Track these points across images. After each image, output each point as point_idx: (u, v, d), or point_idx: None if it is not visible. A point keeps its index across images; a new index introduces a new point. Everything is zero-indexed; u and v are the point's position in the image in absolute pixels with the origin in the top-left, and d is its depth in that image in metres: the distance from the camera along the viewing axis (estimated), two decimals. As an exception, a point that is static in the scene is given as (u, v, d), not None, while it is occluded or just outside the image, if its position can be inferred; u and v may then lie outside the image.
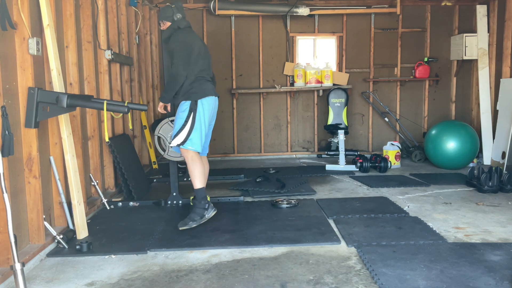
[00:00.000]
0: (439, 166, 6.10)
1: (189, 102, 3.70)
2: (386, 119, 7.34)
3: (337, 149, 6.71)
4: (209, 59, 3.93)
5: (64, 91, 3.38)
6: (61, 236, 3.27)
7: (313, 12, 7.05)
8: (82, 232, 3.48)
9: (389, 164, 5.97)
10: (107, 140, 3.52)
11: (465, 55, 6.84)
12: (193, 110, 3.68)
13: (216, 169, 6.22)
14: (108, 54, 4.55)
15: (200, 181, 3.74)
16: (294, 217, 3.95)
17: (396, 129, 7.43)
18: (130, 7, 5.56)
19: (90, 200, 4.25)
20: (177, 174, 4.41)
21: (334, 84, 7.24)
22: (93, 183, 4.29)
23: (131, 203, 4.39)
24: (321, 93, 7.34)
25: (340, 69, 7.37)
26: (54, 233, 3.23)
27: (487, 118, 6.55)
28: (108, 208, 4.29)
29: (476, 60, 6.87)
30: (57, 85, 3.30)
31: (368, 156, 6.14)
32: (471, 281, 2.61)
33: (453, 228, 3.61)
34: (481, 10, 6.74)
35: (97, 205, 4.24)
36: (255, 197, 4.68)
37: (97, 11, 4.44)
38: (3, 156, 2.65)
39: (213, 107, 3.84)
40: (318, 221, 3.81)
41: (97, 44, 4.46)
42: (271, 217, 3.97)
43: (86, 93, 4.20)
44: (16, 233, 2.66)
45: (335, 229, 3.60)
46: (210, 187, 5.00)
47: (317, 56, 7.50)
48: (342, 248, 3.21)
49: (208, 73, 3.88)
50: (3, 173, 2.45)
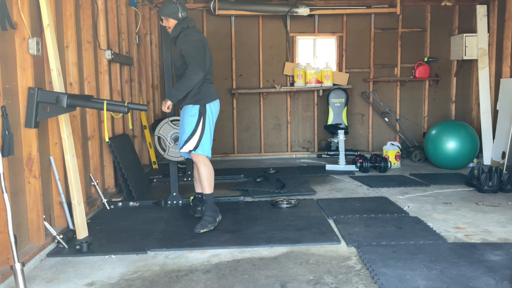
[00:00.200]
0: (439, 166, 6.10)
1: (198, 107, 3.63)
2: (386, 119, 7.34)
3: (337, 149, 6.71)
4: (212, 61, 3.85)
5: (64, 91, 3.38)
6: (61, 236, 3.27)
7: (313, 12, 7.04)
8: (82, 232, 3.48)
9: (389, 164, 5.97)
10: (107, 140, 3.52)
11: (465, 55, 6.84)
12: (202, 114, 3.63)
13: (216, 169, 6.13)
14: (108, 54, 4.55)
15: (211, 186, 3.74)
16: (294, 217, 3.95)
17: (396, 129, 7.43)
18: (130, 7, 5.56)
19: (90, 200, 4.25)
20: (177, 174, 4.42)
21: (334, 84, 7.24)
22: (93, 183, 4.29)
23: (131, 203, 4.39)
24: (321, 93, 7.34)
25: (340, 69, 7.37)
26: (54, 233, 3.23)
27: (487, 118, 6.55)
28: (108, 208, 4.29)
29: (476, 60, 6.87)
30: (57, 85, 3.30)
31: (368, 156, 6.14)
32: (471, 281, 2.61)
33: (453, 228, 3.61)
34: (481, 10, 6.74)
35: (97, 205, 4.24)
36: (255, 197, 4.68)
37: (97, 11, 4.44)
38: (3, 156, 2.65)
39: (218, 110, 3.83)
40: (318, 221, 3.81)
41: (97, 44, 4.46)
42: (271, 217, 3.97)
43: (86, 93, 4.20)
44: (16, 233, 2.66)
45: (335, 229, 3.60)
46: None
47: (317, 56, 7.50)
48: (342, 248, 3.21)
49: (212, 75, 3.82)
50: (3, 173, 2.45)
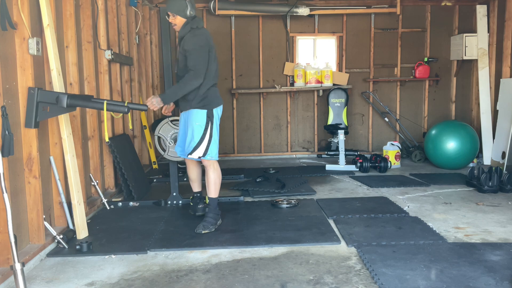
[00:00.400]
0: (439, 166, 6.10)
1: (205, 112, 3.58)
2: (386, 119, 7.34)
3: (337, 149, 6.71)
4: (217, 64, 3.75)
5: (64, 91, 3.38)
6: (61, 236, 3.26)
7: (313, 12, 7.05)
8: (82, 232, 3.48)
9: (389, 164, 5.97)
10: (107, 140, 3.52)
11: (465, 55, 6.85)
12: (210, 119, 3.59)
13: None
14: (108, 54, 4.55)
15: (218, 190, 3.74)
16: (294, 217, 3.95)
17: (396, 129, 7.43)
18: (130, 7, 5.56)
19: (90, 200, 4.25)
20: (177, 174, 4.41)
21: (334, 84, 7.24)
22: (93, 183, 4.29)
23: (131, 203, 4.39)
24: (321, 93, 7.34)
25: (340, 69, 7.37)
26: (54, 233, 3.23)
27: (487, 118, 6.55)
28: (108, 208, 4.29)
29: (476, 60, 6.87)
30: (57, 85, 3.30)
31: (368, 156, 6.15)
32: (471, 281, 2.61)
33: (453, 228, 3.61)
34: (481, 10, 6.74)
35: (97, 205, 4.24)
36: (255, 197, 4.68)
37: (97, 11, 4.44)
38: (3, 156, 2.65)
39: (221, 113, 3.80)
40: (318, 221, 3.81)
41: (97, 44, 4.46)
42: (271, 217, 3.97)
43: (86, 93, 4.20)
44: (16, 233, 2.66)
45: (335, 229, 3.60)
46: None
47: (317, 56, 7.50)
48: (342, 248, 3.21)
49: (217, 78, 3.73)
50: (3, 173, 2.45)
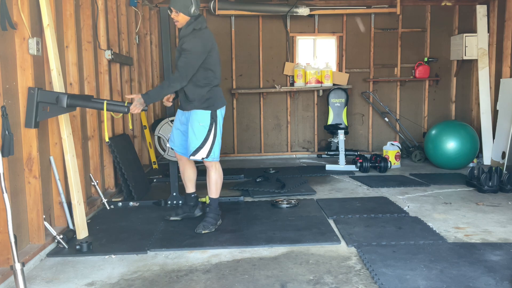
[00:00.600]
0: (439, 166, 6.10)
1: (209, 112, 3.53)
2: (386, 119, 7.34)
3: (337, 149, 6.71)
4: (220, 64, 3.69)
5: (64, 91, 3.38)
6: (61, 236, 3.26)
7: (313, 12, 7.05)
8: (82, 232, 3.48)
9: (389, 164, 5.97)
10: (107, 140, 3.51)
11: (465, 55, 6.84)
12: (214, 120, 3.54)
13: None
14: (108, 54, 4.55)
15: (219, 191, 3.72)
16: (294, 217, 3.95)
17: (396, 129, 7.43)
18: (130, 7, 5.56)
19: (90, 200, 4.25)
20: (177, 174, 4.41)
21: (334, 84, 7.24)
22: (93, 183, 4.29)
23: (131, 203, 4.39)
24: (321, 93, 7.35)
25: (340, 69, 7.37)
26: (54, 233, 3.23)
27: (487, 118, 6.55)
28: (108, 208, 4.29)
29: (476, 60, 6.87)
30: (57, 85, 3.30)
31: (368, 156, 6.15)
32: (471, 281, 2.61)
33: (453, 228, 3.61)
34: (481, 10, 6.74)
35: (97, 205, 4.24)
36: (255, 197, 4.68)
37: (97, 11, 4.44)
38: (3, 156, 2.65)
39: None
40: (318, 221, 3.81)
41: (97, 44, 4.46)
42: (271, 217, 3.97)
43: (86, 93, 4.20)
44: (16, 233, 2.66)
45: (335, 229, 3.60)
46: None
47: (317, 56, 7.50)
48: (342, 248, 3.21)
49: (220, 78, 3.68)
50: (3, 173, 2.45)
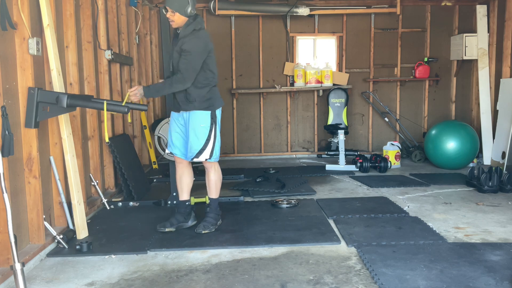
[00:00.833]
0: (439, 166, 6.10)
1: (209, 113, 3.51)
2: (386, 119, 7.34)
3: (337, 149, 6.71)
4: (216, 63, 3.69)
5: (64, 91, 3.38)
6: (61, 236, 3.26)
7: (313, 12, 7.05)
8: (82, 232, 3.48)
9: (389, 164, 5.97)
10: (107, 140, 3.49)
11: (465, 55, 6.84)
12: (214, 121, 3.53)
13: (216, 169, 6.21)
14: (108, 54, 4.54)
15: (219, 191, 3.71)
16: (294, 217, 3.95)
17: (396, 129, 7.43)
18: (130, 7, 5.56)
19: (90, 200, 4.25)
20: (177, 174, 4.41)
21: (334, 84, 7.24)
22: (93, 183, 4.29)
23: (131, 203, 4.39)
24: (321, 93, 7.35)
25: (340, 69, 7.38)
26: (54, 233, 3.23)
27: (487, 118, 6.55)
28: (108, 208, 4.29)
29: (476, 60, 6.87)
30: (57, 85, 3.30)
31: (368, 156, 6.15)
32: (471, 281, 2.61)
33: (453, 228, 3.61)
34: (481, 10, 6.74)
35: (97, 205, 4.24)
36: (255, 197, 4.68)
37: (97, 11, 4.44)
38: (3, 156, 2.65)
39: None
40: (318, 221, 3.81)
41: (97, 44, 4.46)
42: (271, 217, 3.97)
43: (86, 93, 4.20)
44: (16, 233, 2.66)
45: (335, 229, 3.60)
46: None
47: (317, 56, 7.50)
48: (342, 248, 3.21)
49: (217, 78, 3.67)
50: (3, 173, 2.45)
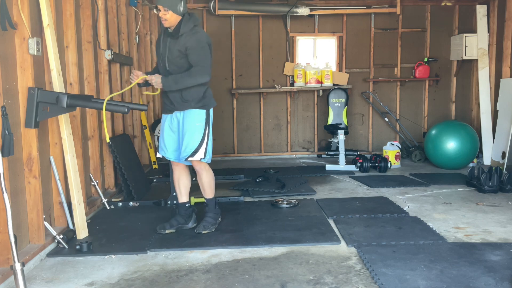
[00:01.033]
0: (439, 166, 6.10)
1: (204, 112, 3.51)
2: (386, 119, 7.34)
3: (337, 149, 6.71)
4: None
5: (64, 91, 3.38)
6: (61, 236, 3.26)
7: (313, 12, 7.05)
8: (82, 232, 3.47)
9: (389, 164, 5.97)
10: (108, 141, 3.48)
11: (465, 55, 6.85)
12: (207, 120, 3.53)
13: (216, 169, 6.17)
14: (108, 54, 4.54)
15: (213, 190, 3.69)
16: (294, 217, 3.95)
17: (396, 129, 7.43)
18: (130, 7, 5.56)
19: (90, 200, 4.25)
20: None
21: (334, 84, 7.24)
22: (93, 183, 4.29)
23: (131, 203, 4.39)
24: (321, 93, 7.35)
25: (340, 69, 7.38)
26: (54, 233, 3.23)
27: (487, 118, 6.55)
28: (108, 208, 4.29)
29: (476, 60, 6.87)
30: (57, 85, 3.30)
31: (368, 156, 6.15)
32: (471, 281, 2.61)
33: (453, 228, 3.61)
34: (481, 10, 6.74)
35: (97, 205, 4.24)
36: (255, 197, 4.68)
37: (97, 11, 4.44)
38: (3, 156, 2.65)
39: None
40: (318, 221, 3.81)
41: (97, 44, 4.46)
42: (271, 217, 3.96)
43: (86, 93, 4.20)
44: (16, 233, 2.66)
45: (335, 229, 3.60)
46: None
47: (317, 56, 7.50)
48: (342, 248, 3.21)
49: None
50: (3, 173, 2.45)
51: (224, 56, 7.17)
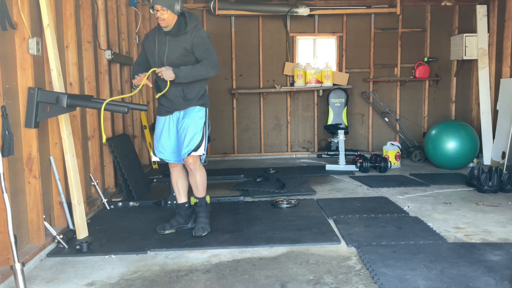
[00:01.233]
0: (439, 166, 6.10)
1: (204, 109, 3.55)
2: (386, 119, 7.34)
3: (337, 149, 6.71)
4: None
5: (64, 91, 3.38)
6: (61, 236, 3.26)
7: (313, 12, 7.05)
8: (82, 232, 3.48)
9: (389, 164, 5.97)
10: (104, 141, 3.44)
11: (465, 55, 6.85)
12: (206, 118, 3.57)
13: (216, 169, 6.22)
14: (108, 54, 4.54)
15: (205, 188, 3.69)
16: (294, 217, 3.95)
17: (396, 129, 7.43)
18: (130, 7, 5.56)
19: (90, 200, 4.25)
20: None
21: (334, 84, 7.24)
22: (93, 183, 4.29)
23: (131, 203, 4.39)
24: (321, 93, 7.34)
25: (340, 69, 7.37)
26: (54, 233, 3.23)
27: (487, 118, 6.55)
28: (108, 208, 4.29)
29: (476, 60, 6.87)
30: (57, 85, 3.31)
31: (368, 156, 6.15)
32: (471, 281, 2.61)
33: (453, 228, 3.61)
34: (481, 10, 6.74)
35: (97, 205, 4.24)
36: (255, 197, 4.68)
37: (97, 11, 4.44)
38: (3, 156, 2.65)
39: None
40: (318, 221, 3.81)
41: (97, 44, 4.46)
42: (271, 217, 3.97)
43: (86, 93, 4.20)
44: (16, 233, 2.66)
45: (335, 229, 3.60)
46: (210, 187, 4.97)
47: (317, 56, 7.50)
48: (342, 248, 3.21)
49: None
50: (3, 173, 2.45)
51: (224, 56, 7.16)
